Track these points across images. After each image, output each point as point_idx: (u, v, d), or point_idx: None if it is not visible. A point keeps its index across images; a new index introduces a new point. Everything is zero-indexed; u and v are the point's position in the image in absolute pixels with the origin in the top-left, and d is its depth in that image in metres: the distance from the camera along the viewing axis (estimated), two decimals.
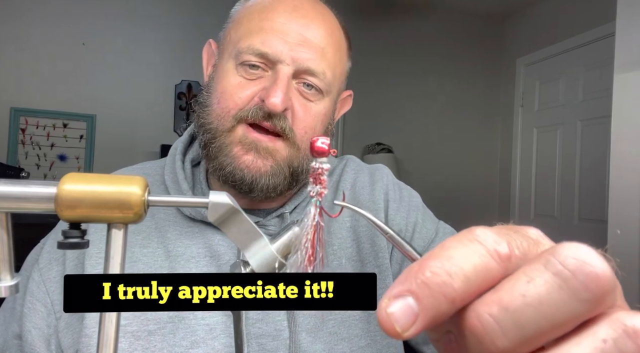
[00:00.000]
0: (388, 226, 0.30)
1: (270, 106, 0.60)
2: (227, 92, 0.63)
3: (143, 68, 3.29)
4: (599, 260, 0.20)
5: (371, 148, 3.52)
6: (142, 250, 0.64)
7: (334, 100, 0.69)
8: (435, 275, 0.21)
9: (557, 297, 0.20)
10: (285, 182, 0.64)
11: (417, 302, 0.21)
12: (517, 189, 3.72)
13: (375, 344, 0.67)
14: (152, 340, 0.59)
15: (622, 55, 2.01)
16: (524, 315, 0.20)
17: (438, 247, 0.23)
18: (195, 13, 3.33)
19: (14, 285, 0.31)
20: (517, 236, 0.23)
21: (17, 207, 0.30)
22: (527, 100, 3.68)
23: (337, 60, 0.67)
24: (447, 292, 0.21)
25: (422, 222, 0.76)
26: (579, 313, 0.20)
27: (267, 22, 0.63)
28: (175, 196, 0.41)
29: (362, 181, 0.77)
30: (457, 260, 0.22)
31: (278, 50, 0.62)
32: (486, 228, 0.23)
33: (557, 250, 0.21)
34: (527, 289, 0.20)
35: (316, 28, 0.64)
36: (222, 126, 0.63)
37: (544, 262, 0.21)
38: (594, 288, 0.20)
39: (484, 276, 0.21)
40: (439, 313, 0.21)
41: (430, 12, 3.77)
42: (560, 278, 0.20)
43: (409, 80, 3.74)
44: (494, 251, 0.22)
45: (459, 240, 0.23)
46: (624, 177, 1.99)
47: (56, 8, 3.13)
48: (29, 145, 3.12)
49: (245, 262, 0.37)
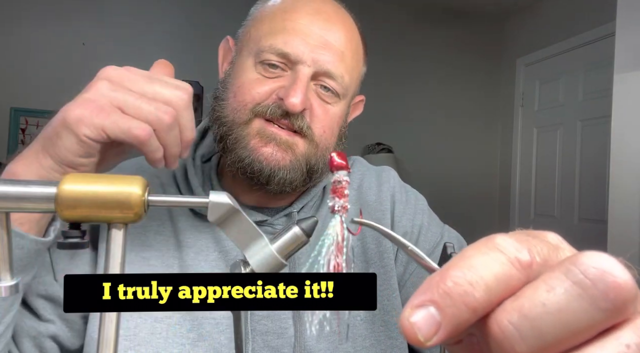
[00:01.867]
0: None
1: (290, 106, 0.60)
2: (245, 86, 0.64)
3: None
4: (620, 269, 0.20)
5: (371, 148, 3.52)
6: (156, 237, 0.65)
7: (348, 103, 0.70)
8: (456, 285, 0.21)
9: (577, 305, 0.20)
10: (301, 178, 0.65)
11: (439, 311, 0.21)
12: (517, 189, 3.72)
13: (380, 344, 0.67)
14: (157, 327, 0.60)
15: (622, 55, 2.01)
16: (543, 323, 0.20)
17: (458, 256, 0.23)
18: (195, 13, 3.33)
19: (14, 285, 0.31)
20: (537, 242, 0.23)
21: (17, 207, 0.30)
22: (527, 100, 3.68)
23: (354, 64, 0.68)
24: (469, 301, 0.21)
25: (428, 225, 0.76)
26: (599, 322, 0.20)
27: (289, 22, 0.64)
28: (175, 196, 0.41)
29: (369, 182, 0.77)
30: (478, 269, 0.22)
31: (299, 51, 0.62)
32: (506, 235, 0.23)
33: (578, 259, 0.21)
34: (547, 298, 0.21)
35: (337, 32, 0.65)
36: (238, 119, 0.63)
37: (564, 271, 0.21)
38: (614, 298, 0.20)
39: (505, 284, 0.22)
40: (461, 322, 0.22)
41: (430, 12, 3.77)
42: (581, 287, 0.20)
43: (409, 80, 3.74)
44: (515, 259, 0.22)
45: (479, 249, 0.23)
46: (624, 177, 1.99)
47: (56, 8, 3.13)
48: (29, 145, 3.12)
49: (245, 262, 0.36)
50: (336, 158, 0.32)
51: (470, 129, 3.88)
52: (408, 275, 0.72)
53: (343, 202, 0.32)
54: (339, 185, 0.32)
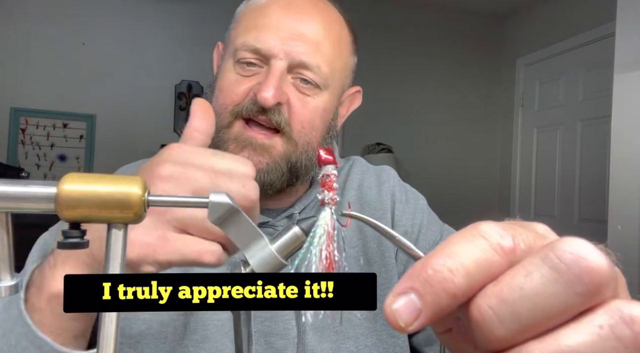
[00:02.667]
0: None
1: (262, 100, 0.60)
2: (225, 89, 0.64)
3: (143, 68, 3.29)
4: (596, 254, 0.21)
5: (371, 148, 3.52)
6: None
7: (335, 95, 0.69)
8: (436, 272, 0.22)
9: (553, 289, 0.21)
10: (283, 178, 0.64)
11: (419, 298, 0.22)
12: (517, 189, 3.72)
13: (382, 343, 0.67)
14: (163, 330, 0.60)
15: (622, 55, 2.01)
16: (520, 307, 0.21)
17: (442, 243, 0.23)
18: (195, 13, 3.33)
19: (13, 285, 0.31)
20: (523, 230, 0.24)
21: (17, 207, 0.30)
22: (527, 100, 3.68)
23: (335, 54, 0.67)
24: (448, 287, 0.22)
25: (427, 224, 0.76)
26: (574, 305, 0.21)
27: (261, 19, 0.64)
28: (175, 196, 0.41)
29: (369, 182, 0.77)
30: (459, 256, 0.22)
31: (271, 45, 0.62)
32: (492, 222, 0.24)
33: (555, 245, 0.21)
34: (525, 282, 0.21)
35: (311, 22, 0.65)
36: (220, 122, 0.64)
37: (542, 256, 0.21)
38: (589, 282, 0.20)
39: (486, 270, 0.22)
40: (441, 308, 0.22)
41: (430, 11, 3.77)
42: (557, 272, 0.21)
43: (409, 80, 3.74)
44: (497, 245, 0.23)
45: (463, 235, 0.23)
46: (624, 177, 1.99)
47: (56, 8, 3.13)
48: (29, 145, 3.12)
49: (245, 262, 0.36)
50: (322, 154, 0.33)
51: (470, 128, 3.88)
52: None
53: (332, 194, 0.32)
54: (327, 178, 0.33)
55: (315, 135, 0.66)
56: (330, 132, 0.70)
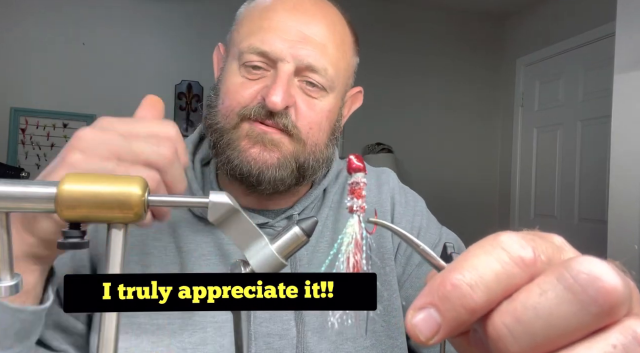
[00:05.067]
0: (420, 240, 0.31)
1: (270, 105, 0.60)
2: (231, 91, 0.64)
3: (143, 68, 3.29)
4: (611, 275, 0.21)
5: (371, 148, 3.52)
6: (154, 243, 0.65)
7: (339, 96, 0.69)
8: (455, 287, 0.22)
9: (567, 309, 0.21)
10: (292, 176, 0.64)
11: (439, 313, 0.22)
12: (517, 189, 3.72)
13: (380, 344, 0.67)
14: (159, 334, 0.60)
15: (622, 55, 2.01)
16: (534, 326, 0.21)
17: (463, 255, 0.23)
18: (195, 13, 3.33)
19: (14, 285, 0.31)
20: (542, 242, 0.24)
21: (17, 207, 0.30)
22: (527, 100, 3.68)
23: (339, 56, 0.67)
24: (467, 304, 0.22)
25: (427, 227, 0.76)
26: (588, 324, 0.21)
27: (266, 21, 0.64)
28: (175, 196, 0.41)
29: (369, 183, 0.77)
30: (479, 269, 0.22)
31: (278, 48, 0.62)
32: (512, 233, 0.24)
33: (570, 264, 0.21)
34: (539, 301, 0.21)
35: (316, 25, 0.64)
36: (227, 124, 0.64)
37: (557, 275, 0.22)
38: (603, 303, 0.21)
39: (506, 283, 0.22)
40: (460, 323, 0.22)
41: (430, 12, 3.77)
42: (571, 292, 0.21)
43: (409, 80, 3.74)
44: (518, 257, 0.22)
45: (482, 247, 0.23)
46: (624, 177, 1.99)
47: (56, 8, 3.13)
48: (29, 145, 3.12)
49: (245, 262, 0.36)
50: (354, 161, 0.33)
51: (470, 128, 3.88)
52: (406, 276, 0.73)
53: (361, 202, 0.33)
54: (357, 186, 0.33)
55: (322, 136, 0.67)
56: (335, 133, 0.70)
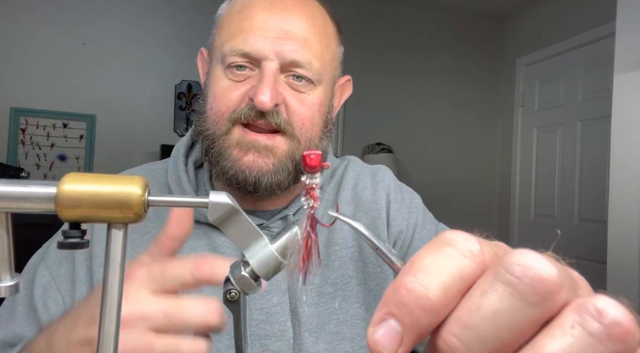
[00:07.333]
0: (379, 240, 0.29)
1: (259, 104, 0.60)
2: (218, 96, 0.64)
3: (143, 68, 3.29)
4: (542, 262, 0.21)
5: (371, 148, 3.52)
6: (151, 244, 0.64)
7: (328, 88, 0.69)
8: (409, 291, 0.21)
9: (510, 305, 0.20)
10: (289, 177, 0.65)
11: (398, 322, 0.21)
12: (517, 189, 3.72)
13: None
14: None
15: (622, 55, 2.01)
16: (483, 329, 0.20)
17: (411, 260, 0.23)
18: (195, 13, 3.33)
19: (13, 285, 0.31)
20: (486, 240, 0.24)
21: (17, 207, 0.30)
22: (527, 100, 3.67)
23: (323, 47, 0.67)
24: (424, 304, 0.21)
25: (422, 223, 0.76)
26: (534, 316, 0.21)
27: (246, 21, 0.63)
28: (175, 196, 0.41)
29: (364, 182, 0.77)
30: (430, 268, 0.22)
31: (260, 47, 0.62)
32: (456, 231, 0.23)
33: (504, 259, 0.21)
34: (482, 302, 0.21)
35: (296, 19, 0.64)
36: (218, 130, 0.64)
37: (493, 273, 0.21)
38: (542, 290, 0.20)
39: (461, 278, 0.22)
40: (422, 328, 0.21)
41: (430, 11, 3.77)
42: (510, 286, 0.20)
43: (409, 80, 3.74)
44: (466, 249, 0.22)
45: (429, 248, 0.23)
46: (624, 177, 1.99)
47: (56, 8, 3.13)
48: (29, 145, 3.12)
49: (245, 262, 0.36)
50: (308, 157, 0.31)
51: (470, 128, 3.88)
52: None
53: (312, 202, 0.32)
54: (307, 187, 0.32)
55: (315, 130, 0.67)
56: (328, 126, 0.70)
